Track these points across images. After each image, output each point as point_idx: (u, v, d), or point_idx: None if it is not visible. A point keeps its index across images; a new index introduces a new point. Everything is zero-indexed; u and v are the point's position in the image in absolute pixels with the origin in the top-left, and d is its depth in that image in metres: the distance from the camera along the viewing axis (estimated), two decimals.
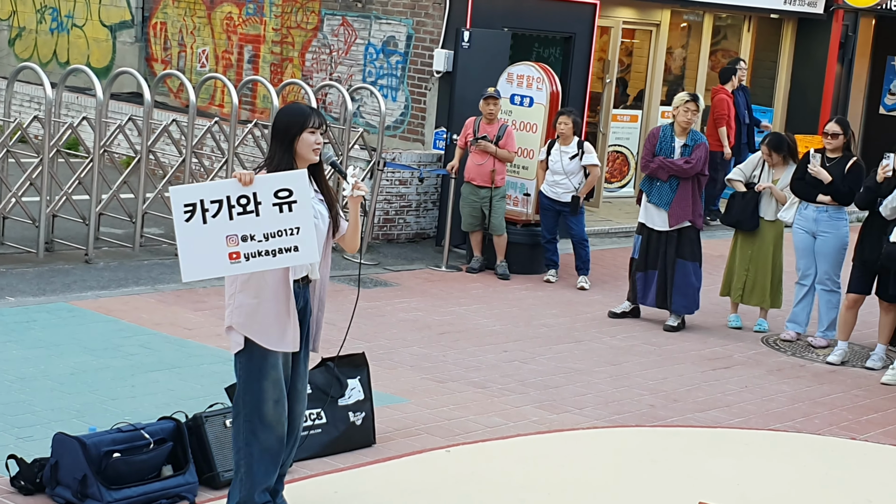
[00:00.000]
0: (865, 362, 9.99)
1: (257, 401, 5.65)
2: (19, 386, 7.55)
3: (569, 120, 11.91)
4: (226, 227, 5.33)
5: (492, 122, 12.05)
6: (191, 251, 5.33)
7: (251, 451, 5.67)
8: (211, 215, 5.31)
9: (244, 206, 5.34)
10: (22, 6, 19.18)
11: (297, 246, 5.40)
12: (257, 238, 5.35)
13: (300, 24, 15.45)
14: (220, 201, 5.32)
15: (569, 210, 11.93)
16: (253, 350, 5.62)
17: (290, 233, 5.37)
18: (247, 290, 5.59)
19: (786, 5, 17.30)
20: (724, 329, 10.90)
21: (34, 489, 5.95)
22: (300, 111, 5.69)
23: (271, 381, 5.66)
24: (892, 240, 9.37)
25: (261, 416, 5.65)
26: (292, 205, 5.37)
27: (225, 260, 5.34)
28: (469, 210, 12.18)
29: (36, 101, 16.06)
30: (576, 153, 11.89)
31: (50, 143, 10.96)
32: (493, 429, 7.62)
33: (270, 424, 5.67)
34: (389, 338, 9.51)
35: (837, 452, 7.84)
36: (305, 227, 5.40)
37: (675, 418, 8.24)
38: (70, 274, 10.64)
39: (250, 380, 5.66)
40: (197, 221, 5.30)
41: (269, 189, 5.36)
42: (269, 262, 5.40)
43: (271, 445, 5.69)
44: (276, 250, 5.37)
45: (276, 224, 5.36)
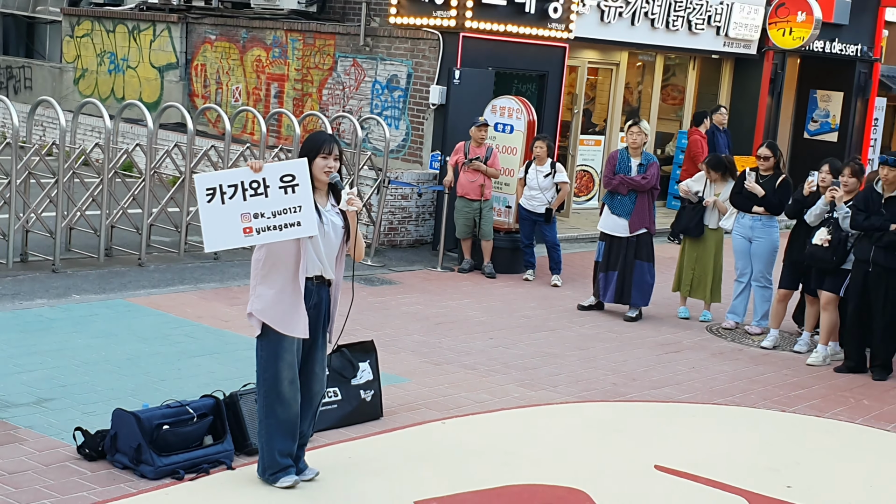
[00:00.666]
0: (793, 347, 9.99)
1: (274, 380, 5.65)
2: (84, 369, 7.53)
3: (544, 144, 11.95)
4: (240, 207, 5.42)
5: (480, 145, 12.05)
6: (212, 227, 5.43)
7: (269, 422, 5.68)
8: (228, 197, 5.41)
9: (255, 189, 5.44)
10: (85, 51, 19.14)
11: (300, 221, 5.50)
12: (266, 215, 5.44)
13: (318, 65, 15.43)
14: (235, 185, 5.43)
15: (543, 219, 11.96)
16: (269, 335, 5.63)
17: (294, 210, 5.47)
18: (266, 283, 5.61)
19: (724, 47, 17.31)
20: (674, 319, 10.89)
21: (97, 456, 5.94)
22: (318, 138, 5.69)
23: (286, 364, 5.66)
24: (814, 242, 9.38)
25: (278, 393, 5.66)
26: (295, 187, 5.48)
27: (240, 233, 5.45)
28: (463, 220, 12.16)
29: (97, 131, 16.02)
30: (549, 172, 11.90)
31: (109, 165, 10.93)
32: (481, 404, 7.60)
33: (286, 401, 5.67)
34: (394, 327, 9.49)
35: (770, 422, 7.83)
36: (306, 205, 5.49)
37: (634, 394, 8.22)
38: (126, 275, 10.62)
39: (268, 362, 5.66)
40: (216, 202, 5.40)
41: (276, 174, 5.48)
42: (276, 235, 5.49)
43: (287, 419, 5.69)
44: (282, 225, 5.47)
45: (282, 203, 5.46)
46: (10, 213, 10.27)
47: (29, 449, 6.03)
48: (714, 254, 10.78)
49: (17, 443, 6.10)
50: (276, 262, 5.61)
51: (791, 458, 7.00)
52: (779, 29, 17.33)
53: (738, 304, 10.59)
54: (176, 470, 5.81)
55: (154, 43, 17.86)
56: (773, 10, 17.34)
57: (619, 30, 15.69)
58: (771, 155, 10.29)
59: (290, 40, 15.77)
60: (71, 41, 19.37)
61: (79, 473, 5.77)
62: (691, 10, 16.42)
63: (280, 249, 5.59)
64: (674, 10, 16.18)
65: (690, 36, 16.63)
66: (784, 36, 17.29)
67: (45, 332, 8.39)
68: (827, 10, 17.87)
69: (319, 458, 6.15)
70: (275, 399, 5.66)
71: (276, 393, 5.66)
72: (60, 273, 10.38)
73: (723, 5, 16.86)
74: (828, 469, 6.92)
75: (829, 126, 19.75)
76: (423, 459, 6.45)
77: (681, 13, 16.30)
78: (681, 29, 16.42)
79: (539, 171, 11.92)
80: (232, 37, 16.68)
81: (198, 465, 5.91)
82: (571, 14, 14.24)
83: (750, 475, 6.59)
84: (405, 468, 6.27)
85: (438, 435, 6.92)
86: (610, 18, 15.44)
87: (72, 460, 5.92)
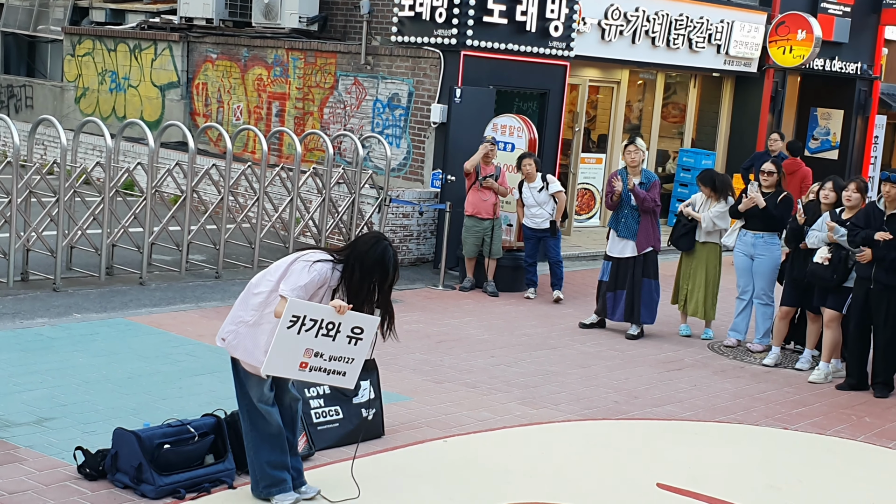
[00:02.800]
0: (795, 364, 9.99)
1: (251, 395, 5.73)
2: (84, 388, 7.53)
3: (531, 161, 12.06)
4: (309, 342, 5.47)
5: (489, 163, 12.09)
6: (279, 351, 5.44)
7: (253, 435, 5.74)
8: (305, 329, 5.44)
9: (329, 330, 5.49)
10: (86, 70, 19.20)
11: (346, 372, 5.64)
12: (325, 357, 5.53)
13: (319, 84, 15.47)
14: (316, 321, 5.46)
15: (549, 234, 12.01)
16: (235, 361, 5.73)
17: (348, 361, 5.60)
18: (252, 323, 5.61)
19: (725, 65, 17.37)
20: (676, 337, 10.89)
21: (97, 475, 5.93)
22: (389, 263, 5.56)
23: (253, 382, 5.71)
24: (815, 260, 9.40)
25: (256, 408, 5.73)
26: (359, 341, 5.59)
27: (297, 366, 5.51)
28: (473, 239, 12.17)
29: (98, 150, 16.07)
30: (542, 186, 11.98)
31: (110, 184, 10.96)
32: (482, 422, 7.60)
33: (264, 416, 5.72)
34: (395, 346, 9.44)
35: (772, 440, 7.82)
36: (358, 361, 5.64)
37: (636, 412, 8.22)
38: (127, 294, 10.63)
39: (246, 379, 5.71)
40: (293, 331, 5.42)
41: (350, 323, 5.53)
42: (321, 378, 5.63)
43: (271, 431, 5.74)
44: (331, 370, 5.59)
45: (342, 351, 5.56)
46: (10, 231, 10.29)
47: (29, 468, 6.03)
48: (707, 269, 10.75)
49: (17, 462, 6.09)
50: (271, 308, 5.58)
51: (793, 476, 6.99)
52: (779, 47, 17.39)
53: (740, 321, 10.59)
54: (177, 489, 5.80)
55: (155, 62, 17.92)
56: (774, 28, 17.41)
57: (620, 48, 15.75)
58: (774, 171, 10.35)
59: (291, 59, 15.82)
60: (72, 60, 19.43)
61: (79, 493, 5.76)
62: (692, 29, 16.48)
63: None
64: (674, 29, 16.25)
65: (691, 54, 16.70)
66: (784, 54, 17.36)
67: (45, 350, 8.39)
68: (827, 29, 17.95)
69: (320, 477, 6.14)
70: (255, 413, 5.73)
71: (254, 407, 5.73)
72: (61, 292, 10.39)
73: (723, 24, 16.92)
74: (830, 487, 6.91)
75: (830, 144, 19.80)
76: (424, 478, 6.44)
77: (681, 32, 16.36)
78: (681, 47, 16.48)
79: (532, 188, 12.01)
80: (233, 55, 16.73)
81: (199, 484, 5.89)
82: (572, 33, 14.29)
83: (752, 493, 6.58)
84: (407, 487, 6.26)
85: (440, 453, 6.91)
86: (611, 37, 15.50)
87: (72, 480, 5.91)
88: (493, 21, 13.52)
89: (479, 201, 12.09)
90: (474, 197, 12.11)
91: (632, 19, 15.70)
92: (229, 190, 12.03)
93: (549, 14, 13.92)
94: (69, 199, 10.90)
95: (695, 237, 10.71)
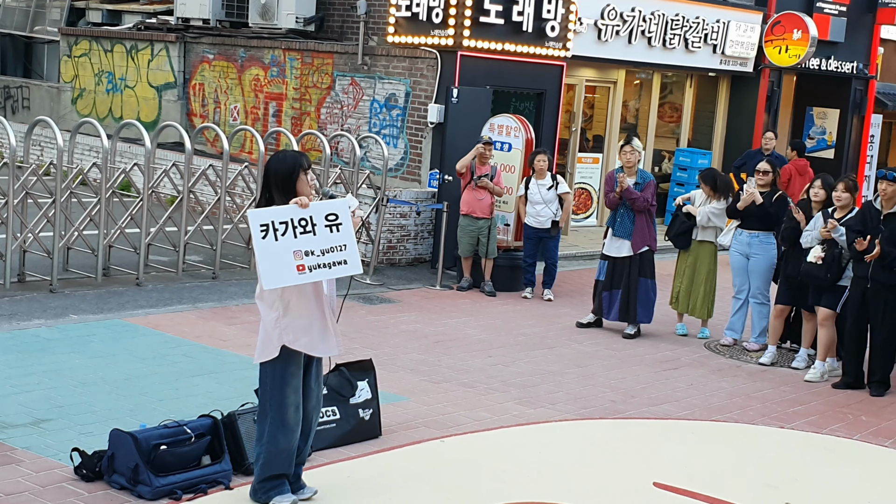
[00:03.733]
0: (791, 363, 9.99)
1: (280, 406, 5.63)
2: (81, 389, 7.52)
3: (545, 157, 12.03)
4: (292, 244, 5.49)
5: (485, 163, 12.09)
6: (267, 264, 5.46)
7: (270, 449, 5.66)
8: (280, 234, 5.47)
9: (304, 226, 5.51)
10: (83, 71, 19.19)
11: (346, 259, 5.61)
12: (316, 253, 5.53)
13: (316, 84, 15.47)
14: (286, 222, 5.49)
15: (549, 234, 12.01)
16: (278, 361, 5.61)
17: (340, 248, 5.57)
18: (291, 314, 5.59)
19: (721, 65, 17.38)
20: (672, 336, 10.89)
21: (94, 477, 5.92)
22: (291, 159, 5.66)
23: (293, 389, 5.65)
24: (809, 259, 9.40)
25: (283, 420, 5.63)
26: (339, 226, 5.59)
27: (294, 271, 5.49)
28: (468, 239, 12.17)
29: (94, 150, 16.05)
30: (551, 184, 11.98)
31: (106, 185, 10.95)
32: (480, 422, 7.59)
33: (290, 428, 5.66)
34: (393, 346, 9.49)
35: (769, 439, 7.82)
36: (350, 244, 5.60)
37: (632, 411, 8.22)
38: (123, 295, 10.62)
39: (274, 388, 5.64)
40: (270, 239, 5.46)
41: (320, 213, 5.56)
42: (327, 273, 5.58)
43: (289, 448, 5.69)
44: (331, 263, 5.56)
45: (329, 241, 5.55)
46: (7, 233, 10.28)
47: (26, 470, 6.02)
48: (705, 268, 10.75)
49: (13, 464, 6.09)
50: (294, 288, 5.59)
51: (789, 475, 6.99)
52: (775, 47, 17.41)
53: (736, 320, 10.59)
54: (174, 490, 5.79)
55: (152, 62, 17.91)
56: (769, 28, 17.42)
57: (617, 48, 15.76)
58: (770, 170, 10.37)
59: (288, 59, 15.82)
60: (69, 61, 19.42)
61: (76, 494, 5.75)
62: (688, 29, 16.49)
63: None
64: (670, 29, 16.25)
65: (687, 54, 16.70)
66: (780, 53, 17.37)
67: (42, 352, 8.38)
68: (822, 28, 17.96)
69: (318, 477, 6.13)
70: (279, 426, 5.64)
71: (280, 419, 5.64)
72: (58, 293, 10.38)
73: (719, 23, 16.93)
74: (826, 485, 6.91)
75: (826, 143, 19.81)
76: (421, 478, 6.44)
77: (677, 31, 16.37)
78: (677, 47, 16.49)
79: (541, 184, 11.97)
80: (230, 56, 16.73)
81: (195, 485, 5.88)
82: (569, 33, 14.29)
83: (748, 492, 6.59)
84: (404, 487, 6.26)
85: (437, 453, 6.90)
86: (607, 37, 15.50)
87: (69, 481, 5.90)
88: (489, 21, 13.52)
89: (473, 200, 12.09)
90: (469, 196, 12.11)
91: (628, 19, 15.70)
92: (226, 190, 12.03)
93: (545, 14, 13.91)
94: (65, 201, 10.89)
95: (692, 235, 10.72)
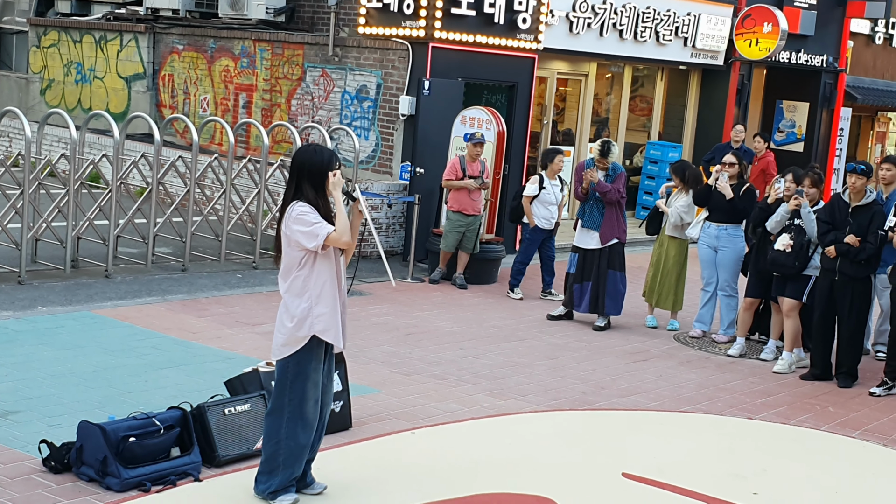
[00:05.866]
0: (760, 355, 10.08)
1: (300, 400, 5.60)
2: (50, 381, 7.49)
3: (563, 158, 12.02)
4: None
5: (475, 160, 12.07)
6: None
7: (291, 445, 5.62)
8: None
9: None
10: (52, 61, 19.04)
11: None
12: None
13: (287, 75, 15.42)
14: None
15: (552, 234, 12.00)
16: (301, 354, 5.58)
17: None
18: (322, 302, 5.58)
19: (692, 58, 17.46)
20: (642, 328, 10.96)
21: (62, 469, 5.90)
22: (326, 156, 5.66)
23: (313, 383, 5.64)
24: (776, 247, 9.49)
25: (302, 415, 5.61)
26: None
27: None
28: (455, 234, 12.08)
29: (63, 142, 15.94)
30: (561, 185, 11.94)
31: (75, 176, 10.89)
32: (451, 413, 7.62)
33: (309, 424, 5.64)
34: (363, 338, 9.50)
35: (737, 429, 7.89)
36: None
37: (602, 403, 8.27)
38: (92, 287, 10.57)
39: (296, 382, 5.59)
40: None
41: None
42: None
43: (306, 443, 5.67)
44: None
45: None
46: None
47: None
48: (673, 260, 10.82)
49: None
50: (324, 278, 5.59)
51: (757, 466, 7.06)
52: (745, 40, 17.50)
53: (705, 313, 10.67)
54: (143, 482, 5.78)
55: (121, 53, 17.80)
56: (740, 21, 17.52)
57: (588, 41, 15.79)
58: (736, 163, 10.44)
59: (258, 50, 15.76)
60: (38, 52, 19.26)
61: (44, 486, 5.74)
62: (659, 22, 16.55)
63: (325, 264, 5.60)
64: (642, 22, 16.31)
65: (658, 47, 16.77)
66: (750, 47, 17.46)
67: (10, 344, 8.33)
68: (793, 22, 18.08)
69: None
70: (298, 420, 5.61)
71: (300, 414, 5.61)
72: (26, 285, 10.32)
73: (690, 16, 17.01)
74: (794, 476, 6.98)
75: (795, 136, 19.95)
76: (392, 470, 6.45)
77: (648, 24, 16.43)
78: (649, 40, 16.55)
79: (554, 185, 11.86)
80: (200, 47, 16.65)
81: (164, 477, 5.88)
82: (540, 25, 14.32)
83: (716, 482, 6.65)
84: (374, 479, 6.27)
85: (408, 445, 6.92)
86: (579, 29, 15.54)
87: (37, 473, 5.88)
88: (461, 13, 13.53)
89: (465, 198, 12.02)
90: (460, 194, 12.04)
91: (599, 12, 15.75)
92: (196, 182, 11.98)
93: (517, 6, 13.93)
94: (34, 192, 10.82)
95: (661, 222, 10.82)
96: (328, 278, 5.63)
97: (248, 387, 6.63)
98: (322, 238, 5.50)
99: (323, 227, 5.52)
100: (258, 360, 7.15)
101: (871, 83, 21.98)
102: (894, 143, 24.78)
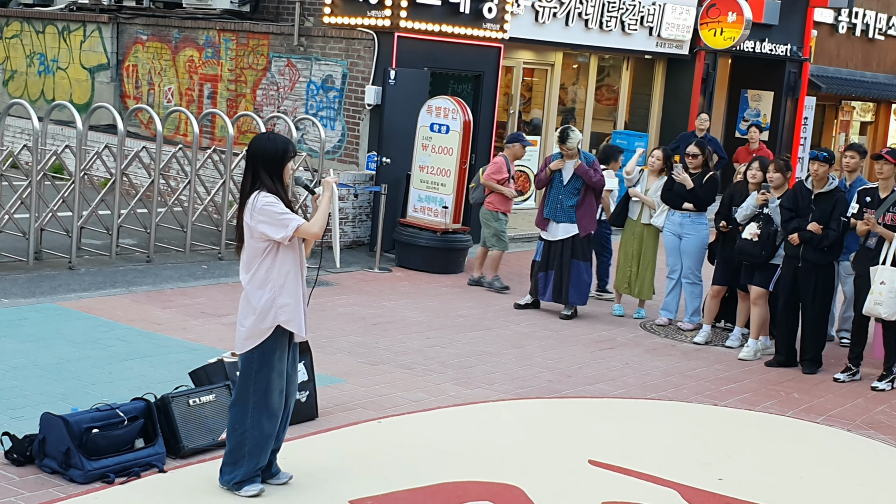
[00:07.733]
0: (725, 342, 10.14)
1: (265, 391, 5.58)
2: (12, 374, 7.41)
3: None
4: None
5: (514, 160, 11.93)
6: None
7: (255, 435, 5.59)
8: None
9: None
10: (14, 52, 18.83)
11: None
12: None
13: (251, 66, 15.33)
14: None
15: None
16: (265, 345, 5.56)
17: None
18: (285, 293, 5.55)
19: (657, 48, 17.52)
20: (609, 317, 10.99)
21: (25, 461, 5.84)
22: (283, 144, 5.62)
23: (278, 373, 5.62)
24: (744, 237, 9.55)
25: (267, 405, 5.59)
26: None
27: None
28: (506, 234, 11.88)
29: (25, 133, 15.77)
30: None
31: (37, 167, 10.77)
32: (417, 402, 7.62)
33: (275, 413, 5.62)
34: (330, 328, 9.47)
35: (703, 416, 7.95)
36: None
37: (568, 391, 8.29)
38: (56, 279, 10.47)
39: (260, 373, 5.57)
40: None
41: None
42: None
43: (271, 432, 5.65)
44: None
45: None
46: None
47: None
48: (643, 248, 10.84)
49: None
50: (287, 268, 5.56)
51: (723, 452, 7.11)
52: (710, 29, 17.59)
53: (671, 300, 10.72)
54: (106, 474, 5.73)
55: (84, 44, 17.62)
56: (705, 10, 17.60)
57: (554, 30, 15.81)
58: (699, 153, 10.48)
59: (223, 40, 15.65)
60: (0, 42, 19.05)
61: (6, 479, 5.67)
62: (624, 11, 16.59)
63: (288, 255, 5.56)
64: (607, 11, 16.34)
65: (624, 36, 16.81)
66: (715, 36, 17.56)
67: None
68: (757, 11, 18.19)
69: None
70: (263, 410, 5.59)
71: (265, 404, 5.59)
72: None
73: (655, 6, 17.06)
74: (759, 461, 7.03)
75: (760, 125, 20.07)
76: (358, 459, 6.44)
77: (614, 14, 16.46)
78: (614, 29, 16.59)
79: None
80: (164, 37, 16.51)
81: (129, 468, 5.83)
82: (506, 14, 14.31)
83: (682, 468, 6.68)
84: (340, 468, 6.25)
85: (374, 434, 6.91)
86: (544, 19, 15.55)
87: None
88: (426, 2, 13.49)
89: (505, 198, 11.77)
90: (500, 194, 11.75)
91: (565, 1, 15.76)
92: (160, 173, 11.89)
93: None
94: None
95: (626, 213, 10.83)
96: (291, 268, 5.60)
97: (213, 377, 6.59)
98: (292, 230, 5.48)
99: (292, 219, 5.49)
100: (223, 351, 7.11)
101: (834, 72, 22.17)
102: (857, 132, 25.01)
